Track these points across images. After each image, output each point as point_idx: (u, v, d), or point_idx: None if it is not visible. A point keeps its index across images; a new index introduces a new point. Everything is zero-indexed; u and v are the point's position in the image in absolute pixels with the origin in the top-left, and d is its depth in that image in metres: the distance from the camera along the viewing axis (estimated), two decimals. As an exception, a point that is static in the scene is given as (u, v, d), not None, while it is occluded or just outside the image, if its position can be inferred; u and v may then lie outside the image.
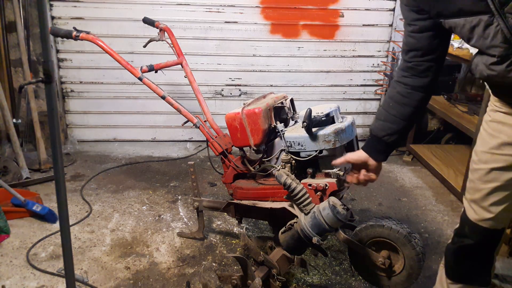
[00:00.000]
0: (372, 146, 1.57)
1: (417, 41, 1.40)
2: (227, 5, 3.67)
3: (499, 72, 1.24)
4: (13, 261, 2.28)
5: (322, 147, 1.91)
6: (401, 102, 1.48)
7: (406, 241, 1.90)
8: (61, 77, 3.75)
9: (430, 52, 1.40)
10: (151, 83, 2.43)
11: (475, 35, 1.22)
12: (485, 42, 1.21)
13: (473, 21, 1.20)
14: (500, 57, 1.21)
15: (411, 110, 1.49)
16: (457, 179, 3.15)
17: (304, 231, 1.76)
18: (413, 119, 1.52)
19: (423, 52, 1.41)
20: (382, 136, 1.53)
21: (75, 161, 3.54)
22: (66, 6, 3.55)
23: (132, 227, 2.63)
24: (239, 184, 2.26)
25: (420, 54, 1.41)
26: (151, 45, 2.74)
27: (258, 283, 1.75)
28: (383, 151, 1.57)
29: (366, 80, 4.06)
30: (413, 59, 1.43)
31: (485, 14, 1.17)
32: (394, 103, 1.50)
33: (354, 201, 3.03)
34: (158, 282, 2.16)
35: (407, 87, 1.47)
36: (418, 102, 1.48)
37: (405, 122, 1.50)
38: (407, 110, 1.49)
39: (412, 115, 1.50)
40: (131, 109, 3.91)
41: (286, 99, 2.29)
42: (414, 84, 1.45)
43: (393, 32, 3.91)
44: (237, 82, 3.93)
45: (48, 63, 1.23)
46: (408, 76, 1.46)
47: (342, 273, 2.26)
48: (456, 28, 1.27)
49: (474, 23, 1.20)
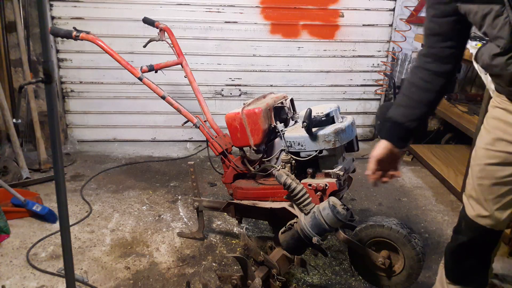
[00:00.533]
0: (394, 134, 1.53)
1: (438, 26, 1.38)
2: (227, 5, 3.67)
3: (499, 64, 1.26)
4: (13, 261, 2.28)
5: (322, 147, 1.91)
6: (423, 88, 1.46)
7: (406, 241, 1.90)
8: (61, 77, 3.75)
9: (451, 38, 1.38)
10: (151, 83, 2.43)
11: (486, 23, 1.23)
12: (493, 32, 1.22)
13: (485, 9, 1.21)
14: (503, 49, 1.22)
15: (434, 96, 1.46)
16: (457, 179, 3.15)
17: (304, 231, 1.76)
18: (435, 104, 1.50)
19: (444, 37, 1.39)
20: (404, 122, 1.49)
21: (75, 161, 3.54)
22: (66, 6, 3.55)
23: (132, 227, 2.63)
24: (239, 184, 2.26)
25: (441, 39, 1.39)
26: (151, 45, 2.74)
27: (258, 283, 1.75)
28: (405, 138, 1.54)
29: (366, 80, 4.06)
30: (435, 45, 1.41)
31: (497, 4, 1.18)
32: (416, 89, 1.47)
33: (354, 201, 3.03)
34: (158, 282, 2.16)
35: (429, 73, 1.44)
36: (441, 88, 1.45)
37: (427, 108, 1.48)
38: (430, 96, 1.46)
39: (434, 101, 1.48)
40: (131, 109, 3.91)
41: (286, 99, 2.29)
42: (437, 70, 1.43)
43: (393, 32, 3.91)
44: (237, 82, 3.93)
45: (48, 63, 1.23)
46: (430, 62, 1.43)
47: (342, 273, 2.26)
48: (470, 14, 1.27)
49: (486, 11, 1.21)
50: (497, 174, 1.42)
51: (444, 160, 3.50)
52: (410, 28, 3.88)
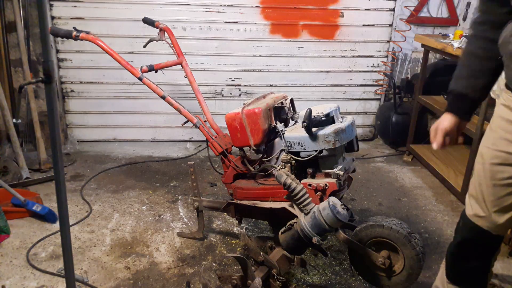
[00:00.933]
0: (459, 107, 1.49)
1: None
2: (227, 5, 3.67)
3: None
4: (13, 261, 2.28)
5: (322, 147, 1.91)
6: (484, 56, 1.42)
7: (406, 241, 1.90)
8: (61, 77, 3.75)
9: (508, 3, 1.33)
10: (151, 83, 2.43)
11: None
12: None
13: None
14: None
15: (495, 63, 1.41)
16: (457, 179, 3.15)
17: (304, 231, 1.76)
18: (497, 72, 1.45)
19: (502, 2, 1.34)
20: (467, 93, 1.46)
21: (75, 161, 3.54)
22: (66, 6, 3.55)
23: (132, 227, 2.63)
24: (239, 184, 2.26)
25: (499, 4, 1.35)
26: (151, 45, 2.74)
27: (258, 283, 1.75)
28: (469, 109, 1.50)
29: (366, 80, 4.06)
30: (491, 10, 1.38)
31: None
32: (476, 58, 1.44)
33: (354, 201, 3.03)
34: (158, 282, 2.16)
35: (487, 41, 1.40)
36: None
37: (491, 76, 1.44)
38: (491, 64, 1.42)
39: (497, 68, 1.43)
40: (131, 109, 3.91)
41: (286, 99, 2.29)
42: (495, 38, 1.37)
43: (393, 32, 3.91)
44: (237, 82, 3.93)
45: (48, 63, 1.23)
46: (487, 29, 1.40)
47: (342, 273, 2.26)
48: None
49: None
50: (497, 175, 1.39)
51: (444, 160, 3.50)
52: (410, 28, 3.89)
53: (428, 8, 3.93)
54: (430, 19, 3.97)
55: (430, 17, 3.96)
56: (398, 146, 4.00)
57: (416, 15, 3.90)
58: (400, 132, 3.83)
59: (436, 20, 3.98)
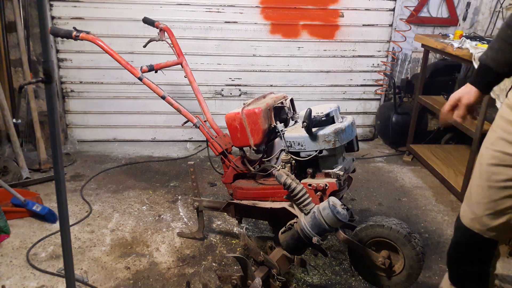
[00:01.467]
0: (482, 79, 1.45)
1: None
2: (227, 5, 3.67)
3: None
4: (13, 261, 2.28)
5: (322, 147, 1.91)
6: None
7: (406, 241, 1.90)
8: (61, 77, 3.75)
9: None
10: (151, 83, 2.43)
11: None
12: None
13: None
14: None
15: None
16: (457, 179, 3.15)
17: (304, 231, 1.76)
18: None
19: None
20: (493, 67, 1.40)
21: (75, 161, 3.54)
22: (66, 6, 3.55)
23: (132, 227, 2.63)
24: (239, 184, 2.26)
25: None
26: (151, 45, 2.74)
27: (258, 283, 1.75)
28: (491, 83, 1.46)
29: (366, 80, 4.06)
30: None
31: None
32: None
33: (354, 201, 3.03)
34: (158, 282, 2.16)
35: None
36: None
37: None
38: None
39: None
40: (131, 109, 3.91)
41: (286, 99, 2.29)
42: None
43: (393, 32, 3.91)
44: (237, 82, 3.93)
45: (48, 63, 1.23)
46: None
47: (342, 273, 2.26)
48: None
49: None
50: (493, 177, 1.37)
51: (444, 160, 3.50)
52: (410, 28, 3.89)
53: (428, 8, 3.93)
54: (430, 19, 3.97)
55: (430, 17, 3.97)
56: (398, 146, 4.00)
57: (416, 15, 3.90)
58: (400, 132, 3.83)
59: (436, 20, 3.98)
